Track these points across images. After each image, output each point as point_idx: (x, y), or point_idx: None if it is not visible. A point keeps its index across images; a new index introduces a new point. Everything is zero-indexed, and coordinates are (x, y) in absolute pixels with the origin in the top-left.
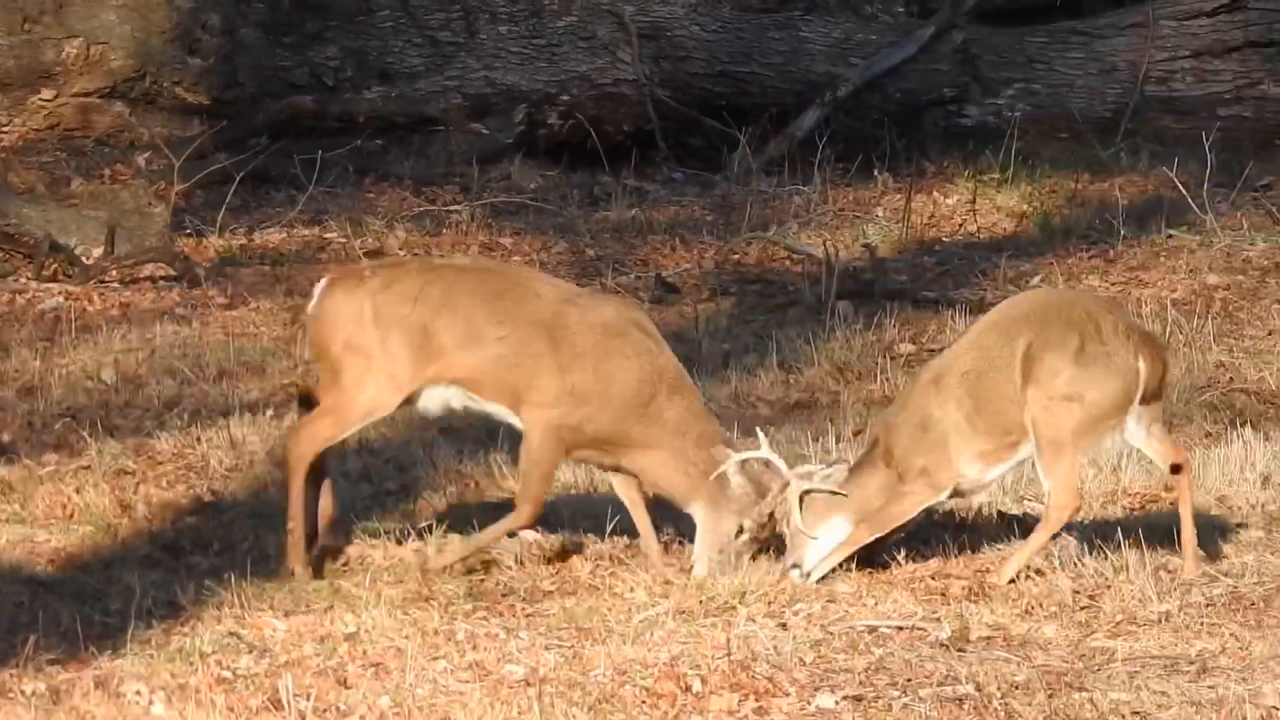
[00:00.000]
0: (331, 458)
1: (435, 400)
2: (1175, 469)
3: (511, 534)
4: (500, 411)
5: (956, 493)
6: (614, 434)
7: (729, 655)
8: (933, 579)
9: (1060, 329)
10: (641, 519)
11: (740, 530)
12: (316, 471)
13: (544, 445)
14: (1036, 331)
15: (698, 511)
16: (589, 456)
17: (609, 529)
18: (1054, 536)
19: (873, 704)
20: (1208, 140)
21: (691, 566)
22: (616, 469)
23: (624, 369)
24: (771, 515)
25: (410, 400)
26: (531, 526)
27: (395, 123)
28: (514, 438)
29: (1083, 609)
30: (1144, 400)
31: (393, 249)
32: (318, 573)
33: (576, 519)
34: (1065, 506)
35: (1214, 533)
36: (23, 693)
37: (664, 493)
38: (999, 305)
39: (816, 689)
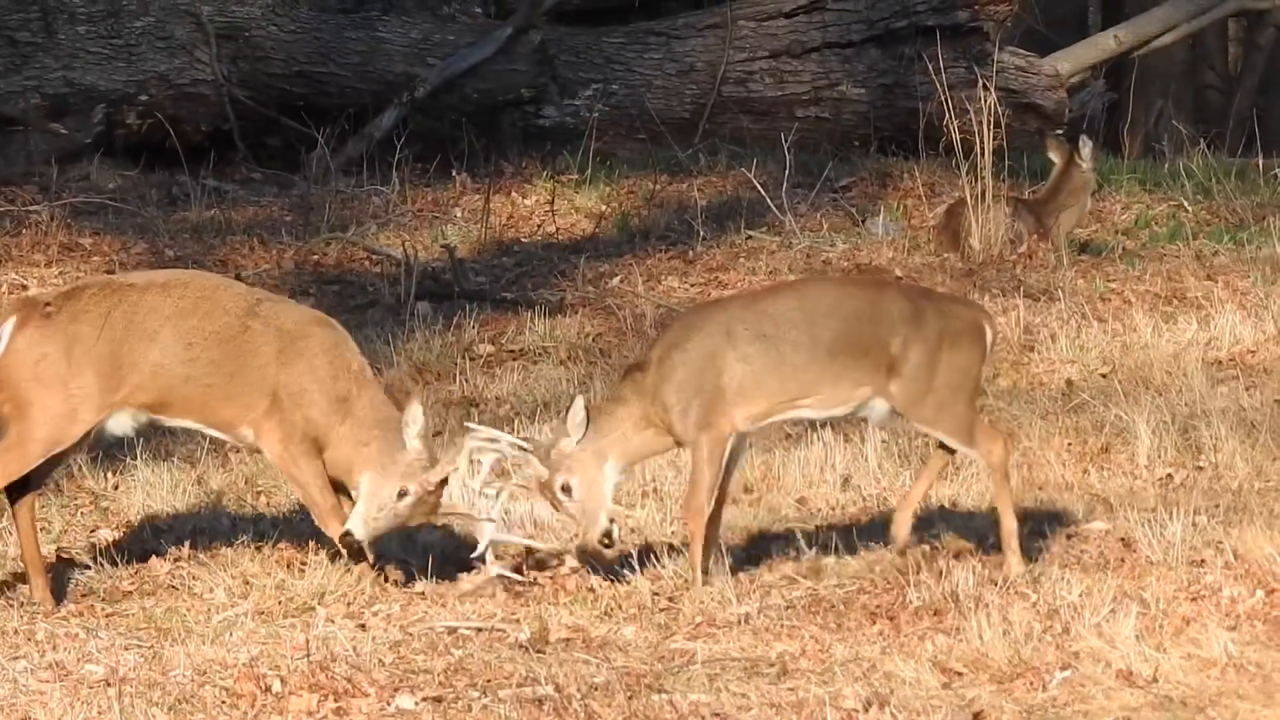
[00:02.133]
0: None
1: (123, 424)
2: None
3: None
4: (193, 426)
5: None
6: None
7: (308, 656)
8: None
9: None
10: None
11: (404, 493)
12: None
13: (291, 456)
14: None
15: (364, 477)
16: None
17: (188, 528)
18: None
19: (453, 705)
20: (786, 141)
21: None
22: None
23: (316, 368)
24: (442, 482)
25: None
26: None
27: None
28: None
29: (662, 611)
30: None
31: None
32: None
33: (154, 519)
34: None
35: (794, 535)
36: None
37: (348, 480)
38: None
39: (396, 690)
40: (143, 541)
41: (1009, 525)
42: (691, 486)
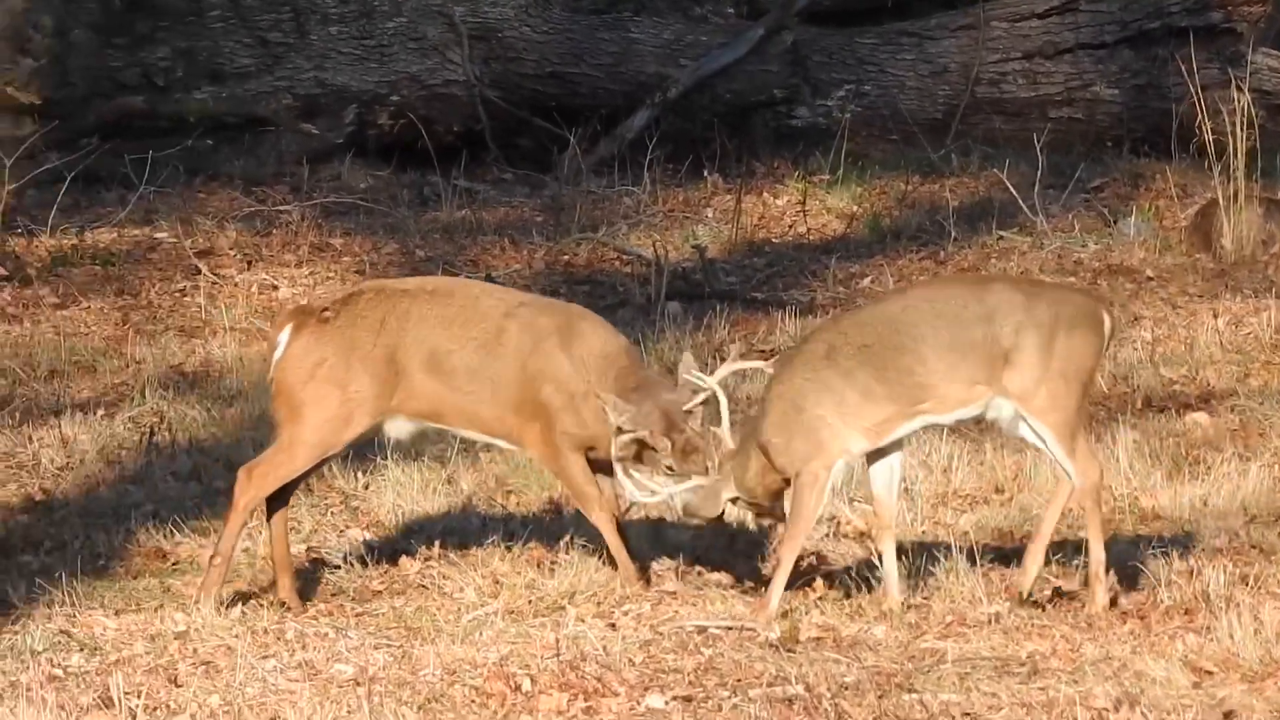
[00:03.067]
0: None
1: (401, 428)
2: None
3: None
4: (478, 437)
5: None
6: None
7: (558, 655)
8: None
9: None
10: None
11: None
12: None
13: (559, 458)
14: None
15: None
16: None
17: (438, 528)
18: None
19: (702, 704)
20: (1039, 142)
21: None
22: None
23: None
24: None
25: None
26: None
27: (226, 123)
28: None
29: (912, 608)
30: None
31: (223, 249)
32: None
33: (405, 519)
34: None
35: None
36: None
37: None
38: None
39: (646, 689)
40: (393, 541)
41: (1098, 555)
42: (791, 516)
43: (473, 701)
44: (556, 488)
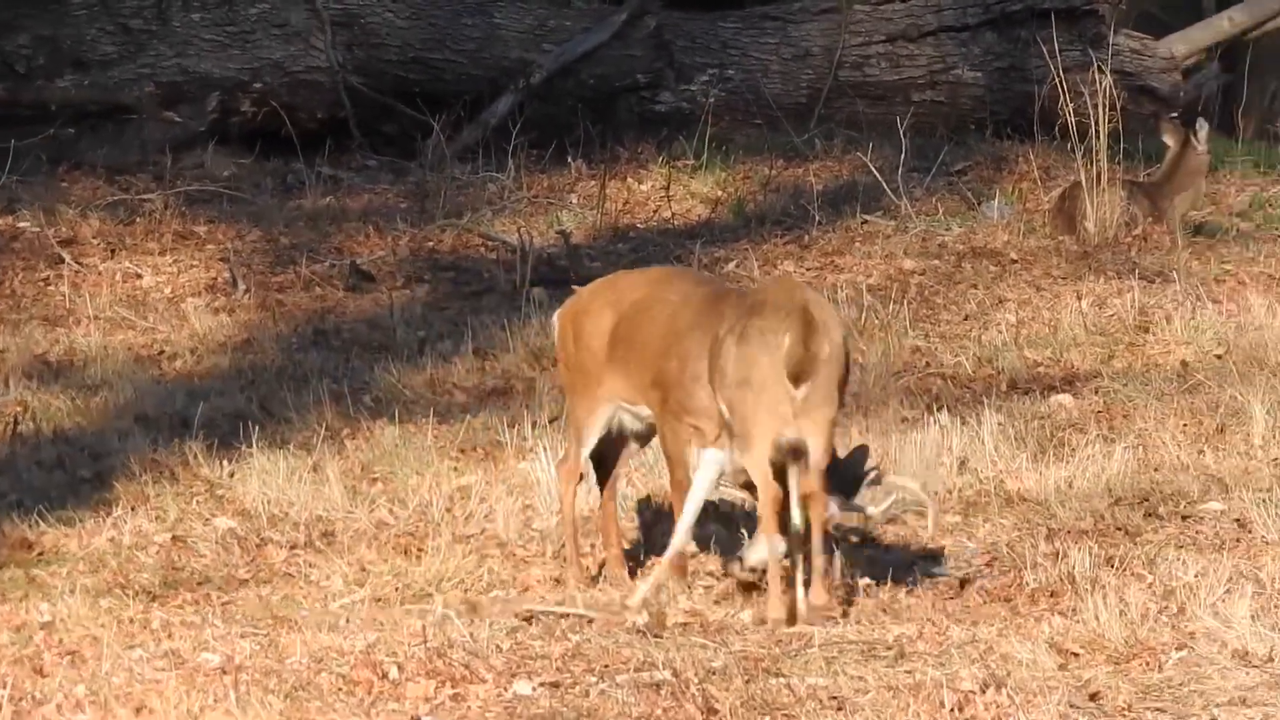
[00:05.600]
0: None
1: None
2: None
3: None
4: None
5: None
6: None
7: (425, 642)
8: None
9: None
10: None
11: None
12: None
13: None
14: None
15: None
16: None
17: (304, 516)
18: None
19: (570, 690)
20: (902, 125)
21: None
22: None
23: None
24: None
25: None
26: None
27: (89, 111)
28: (209, 426)
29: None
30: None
31: (86, 237)
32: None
33: (271, 507)
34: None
35: (910, 517)
36: None
37: None
38: None
39: (514, 675)
40: (259, 529)
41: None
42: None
43: (340, 690)
44: (425, 473)
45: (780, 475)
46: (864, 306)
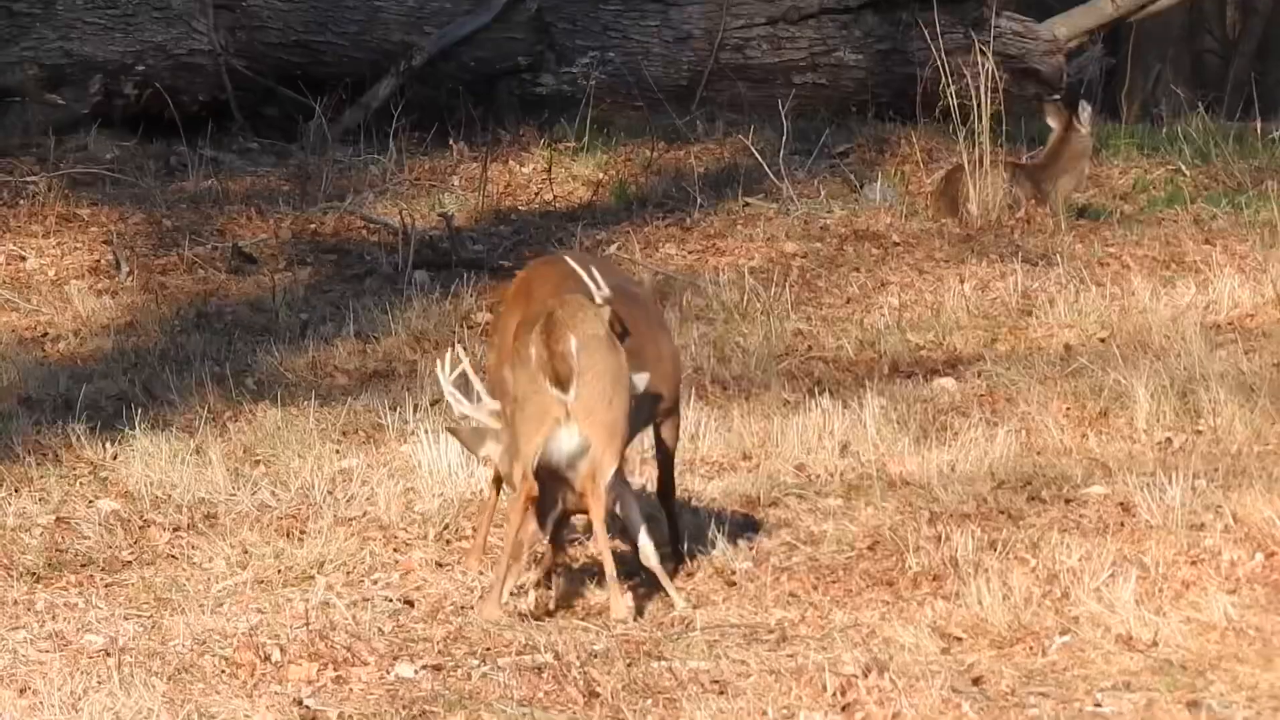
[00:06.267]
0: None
1: None
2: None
3: None
4: None
5: None
6: None
7: (307, 625)
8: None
9: None
10: None
11: None
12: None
13: None
14: None
15: None
16: None
17: (187, 498)
18: None
19: (452, 673)
20: (783, 108)
21: None
22: None
23: None
24: None
25: None
26: None
27: None
28: (92, 408)
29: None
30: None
31: None
32: None
33: (153, 489)
34: None
35: (792, 501)
36: None
37: None
38: None
39: (396, 658)
40: (142, 511)
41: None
42: None
43: (223, 672)
44: (307, 456)
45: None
46: (746, 289)
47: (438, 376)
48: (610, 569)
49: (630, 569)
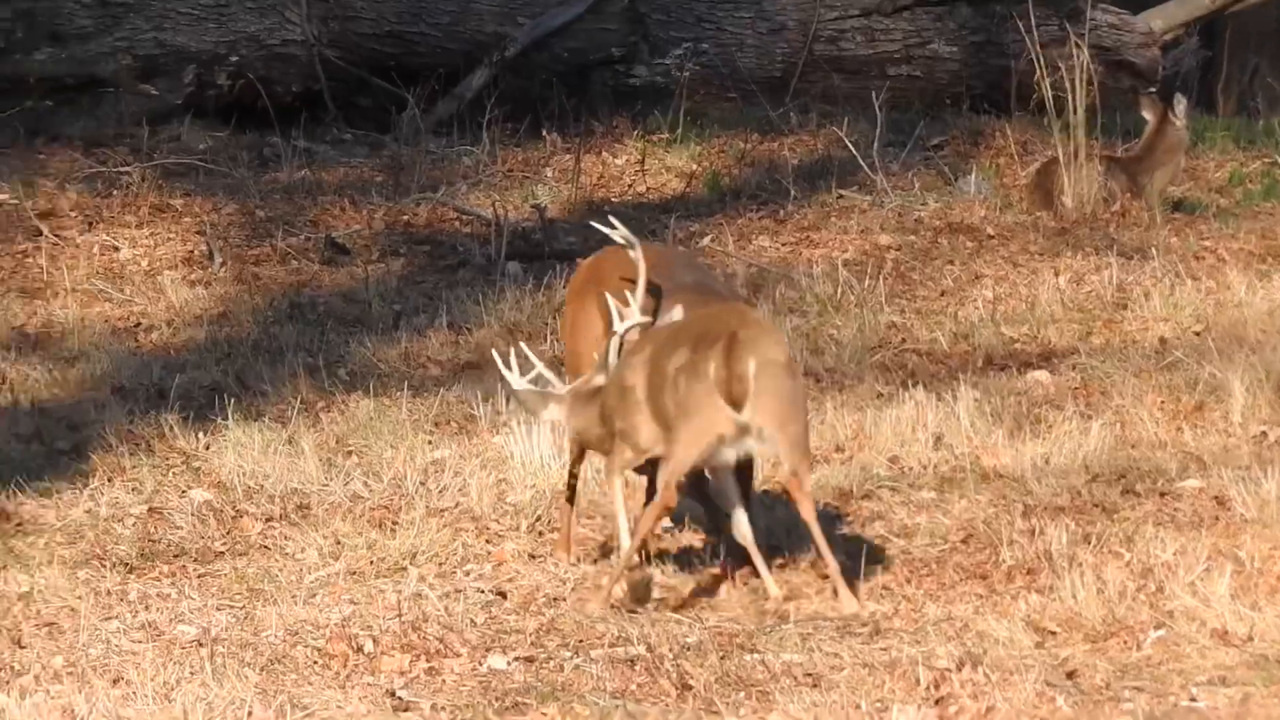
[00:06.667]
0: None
1: None
2: None
3: None
4: None
5: None
6: None
7: (400, 616)
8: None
9: None
10: None
11: None
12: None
13: None
14: None
15: None
16: None
17: (280, 489)
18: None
19: (544, 665)
20: (877, 100)
21: None
22: None
23: None
24: None
25: None
26: None
27: (66, 84)
28: (185, 398)
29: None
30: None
31: (64, 210)
32: None
33: (246, 480)
34: None
35: (886, 493)
36: None
37: None
38: None
39: (489, 650)
40: (235, 502)
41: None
42: None
43: (315, 663)
44: (400, 447)
45: None
46: (839, 282)
47: (504, 374)
48: (833, 565)
49: (732, 559)
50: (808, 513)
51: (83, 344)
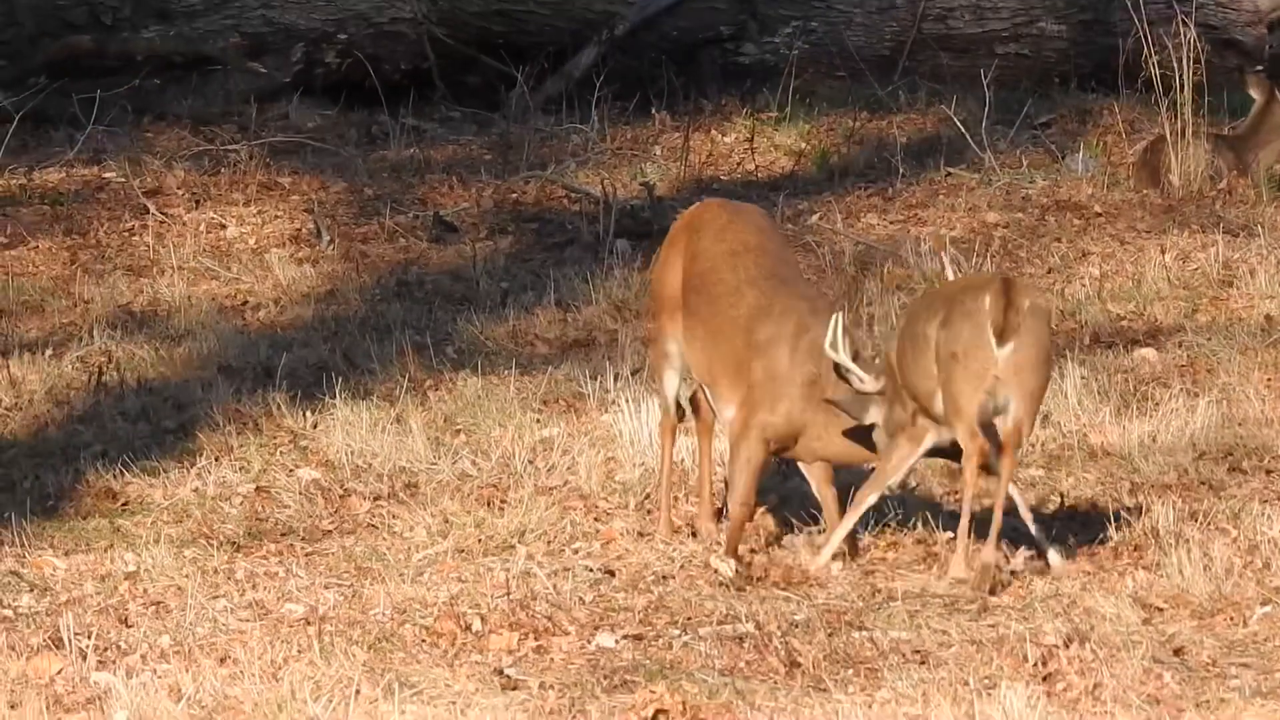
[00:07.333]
0: None
1: None
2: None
3: None
4: None
5: None
6: None
7: (508, 594)
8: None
9: None
10: None
11: None
12: None
13: None
14: None
15: None
16: None
17: (388, 467)
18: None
19: (653, 643)
20: (985, 78)
21: None
22: None
23: None
24: None
25: None
26: None
27: (173, 62)
28: (292, 377)
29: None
30: None
31: (171, 188)
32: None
33: (354, 458)
34: None
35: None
36: None
37: None
38: None
39: (597, 628)
40: (342, 480)
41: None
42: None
43: (423, 641)
44: (508, 425)
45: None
46: (947, 260)
47: (827, 350)
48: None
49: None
50: (1006, 469)
51: (189, 322)
